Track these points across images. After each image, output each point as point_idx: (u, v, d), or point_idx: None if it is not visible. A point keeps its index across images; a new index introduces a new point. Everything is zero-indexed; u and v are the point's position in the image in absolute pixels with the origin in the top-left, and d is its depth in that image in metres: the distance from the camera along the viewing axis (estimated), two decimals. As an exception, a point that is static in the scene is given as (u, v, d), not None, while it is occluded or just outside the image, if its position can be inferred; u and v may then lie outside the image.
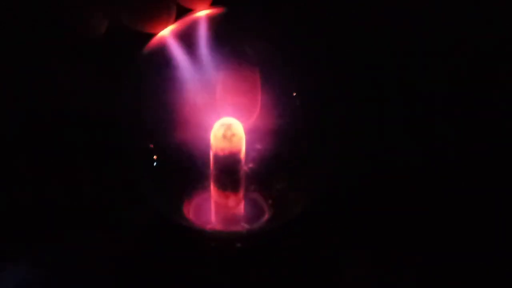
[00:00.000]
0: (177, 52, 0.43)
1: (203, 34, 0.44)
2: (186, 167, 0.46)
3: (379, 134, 0.59)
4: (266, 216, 0.47)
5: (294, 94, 0.46)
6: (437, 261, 0.52)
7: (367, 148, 0.57)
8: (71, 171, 0.53)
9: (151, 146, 0.46)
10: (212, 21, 0.44)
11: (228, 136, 0.44)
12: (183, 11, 0.44)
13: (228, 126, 0.44)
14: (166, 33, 0.43)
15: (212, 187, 0.45)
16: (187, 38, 0.44)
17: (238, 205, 0.46)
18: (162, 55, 0.44)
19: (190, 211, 0.47)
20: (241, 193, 0.45)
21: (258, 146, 0.46)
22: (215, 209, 0.46)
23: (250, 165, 0.47)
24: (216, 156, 0.44)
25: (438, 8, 0.61)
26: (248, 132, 0.45)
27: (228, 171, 0.45)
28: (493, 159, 0.60)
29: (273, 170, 0.47)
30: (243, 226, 0.46)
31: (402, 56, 0.60)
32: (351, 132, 0.47)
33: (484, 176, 0.59)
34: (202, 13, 0.44)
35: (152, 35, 0.43)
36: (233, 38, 0.45)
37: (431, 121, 0.62)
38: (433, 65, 0.61)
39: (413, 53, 0.61)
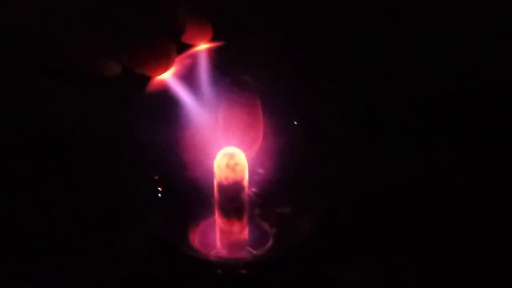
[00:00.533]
0: (179, 84, 0.44)
1: (203, 66, 0.44)
2: (191, 196, 0.47)
3: (379, 146, 0.59)
4: (270, 241, 0.48)
5: (295, 122, 0.46)
6: (438, 262, 0.53)
7: (368, 159, 0.57)
8: (75, 197, 0.54)
9: (156, 177, 0.46)
10: (212, 53, 0.45)
11: (231, 165, 0.45)
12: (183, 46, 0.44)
13: (231, 156, 0.45)
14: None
15: (216, 214, 0.46)
16: (187, 71, 0.44)
17: (243, 232, 0.46)
18: (164, 87, 0.44)
19: (195, 238, 0.48)
20: (245, 220, 0.46)
21: (261, 174, 0.47)
22: (220, 236, 0.47)
23: (254, 192, 0.47)
24: (220, 185, 0.45)
25: (439, 9, 0.60)
26: (251, 161, 0.45)
27: (232, 198, 0.45)
28: (493, 161, 0.61)
29: (276, 196, 0.48)
30: (248, 252, 0.47)
31: (401, 69, 0.60)
32: (352, 157, 0.47)
33: (484, 177, 0.60)
34: (202, 47, 0.44)
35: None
36: (233, 68, 0.45)
37: (430, 125, 0.62)
38: (434, 71, 0.61)
39: (413, 64, 0.60)
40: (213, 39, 0.45)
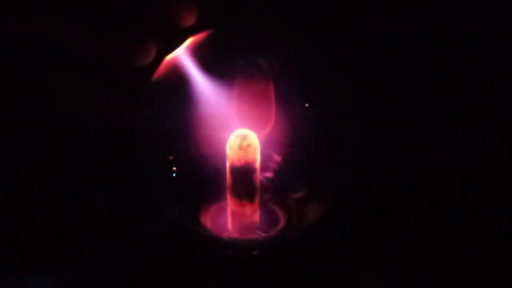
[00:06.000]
0: (192, 67, 0.45)
1: (215, 49, 0.45)
2: (203, 177, 0.48)
3: (392, 141, 0.59)
4: (281, 224, 0.48)
5: (307, 104, 0.47)
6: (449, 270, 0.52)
7: (381, 155, 0.57)
8: (89, 182, 0.54)
9: (171, 158, 0.47)
10: (225, 36, 0.46)
11: (244, 146, 0.45)
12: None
13: (243, 137, 0.45)
14: (181, 50, 0.44)
15: (228, 196, 0.47)
16: (200, 53, 0.45)
17: (254, 214, 0.47)
18: (177, 71, 0.45)
19: (207, 219, 0.48)
20: (256, 202, 0.47)
21: (273, 156, 0.47)
22: (231, 218, 0.47)
23: (265, 174, 0.48)
24: (232, 166, 0.46)
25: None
26: (263, 142, 0.46)
27: (244, 180, 0.46)
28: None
29: (287, 179, 0.48)
30: (259, 234, 0.47)
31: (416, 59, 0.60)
32: (364, 141, 0.48)
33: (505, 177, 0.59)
34: (213, 31, 0.45)
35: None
36: (247, 51, 0.46)
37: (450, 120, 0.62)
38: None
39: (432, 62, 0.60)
40: (227, 23, 0.46)
